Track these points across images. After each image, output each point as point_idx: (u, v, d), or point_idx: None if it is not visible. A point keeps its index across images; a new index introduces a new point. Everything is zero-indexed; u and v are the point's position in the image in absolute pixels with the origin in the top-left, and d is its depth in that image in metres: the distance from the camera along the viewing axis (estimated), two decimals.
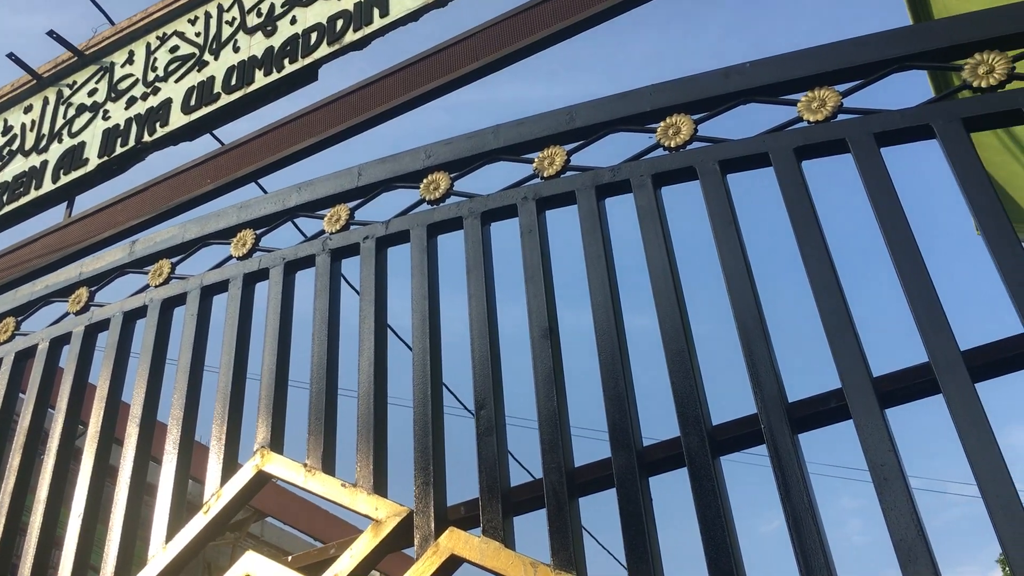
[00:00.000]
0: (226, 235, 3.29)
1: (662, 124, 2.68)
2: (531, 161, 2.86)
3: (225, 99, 4.35)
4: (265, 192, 4.16)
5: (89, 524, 2.88)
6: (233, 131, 4.37)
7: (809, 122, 2.47)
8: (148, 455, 2.96)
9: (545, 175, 2.80)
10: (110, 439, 3.04)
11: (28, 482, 3.10)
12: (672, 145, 2.63)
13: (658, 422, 2.44)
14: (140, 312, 3.27)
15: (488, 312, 2.66)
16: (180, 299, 3.21)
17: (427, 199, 2.96)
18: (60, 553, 2.81)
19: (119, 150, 4.56)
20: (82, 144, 4.77)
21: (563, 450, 2.36)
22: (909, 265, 2.17)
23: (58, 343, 3.38)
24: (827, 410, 2.15)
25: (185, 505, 2.81)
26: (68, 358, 3.29)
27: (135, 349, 3.26)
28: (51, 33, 5.11)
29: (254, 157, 4.07)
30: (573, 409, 2.46)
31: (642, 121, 2.74)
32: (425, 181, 2.99)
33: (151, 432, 3.02)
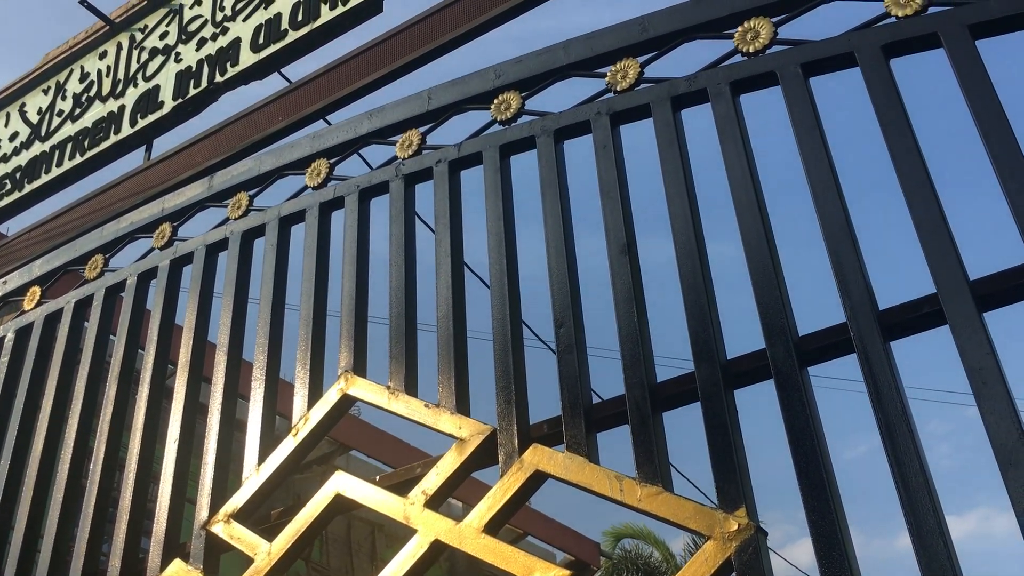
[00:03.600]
0: (300, 165, 3.30)
1: (739, 29, 2.57)
2: (603, 76, 2.79)
3: (292, 35, 4.34)
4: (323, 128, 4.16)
5: (183, 458, 2.97)
6: (301, 69, 4.38)
7: (897, 17, 2.34)
8: (236, 389, 3.03)
9: (618, 89, 2.73)
10: (199, 374, 3.12)
11: (124, 418, 3.20)
12: (751, 50, 2.54)
13: (735, 340, 2.39)
14: (222, 244, 3.33)
15: (564, 230, 2.63)
16: (259, 230, 3.26)
17: (498, 120, 2.92)
18: (157, 487, 2.91)
19: (192, 92, 4.61)
20: (157, 87, 4.83)
21: (645, 365, 2.33)
22: (1010, 163, 2.06)
23: (145, 277, 3.47)
24: (920, 315, 2.08)
25: (274, 429, 2.87)
26: (156, 291, 3.38)
27: (218, 286, 3.33)
28: None
29: (323, 93, 4.07)
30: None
31: (719, 27, 2.64)
32: (496, 101, 2.94)
33: (238, 366, 3.09)
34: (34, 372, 3.53)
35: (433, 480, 2.46)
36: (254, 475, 2.74)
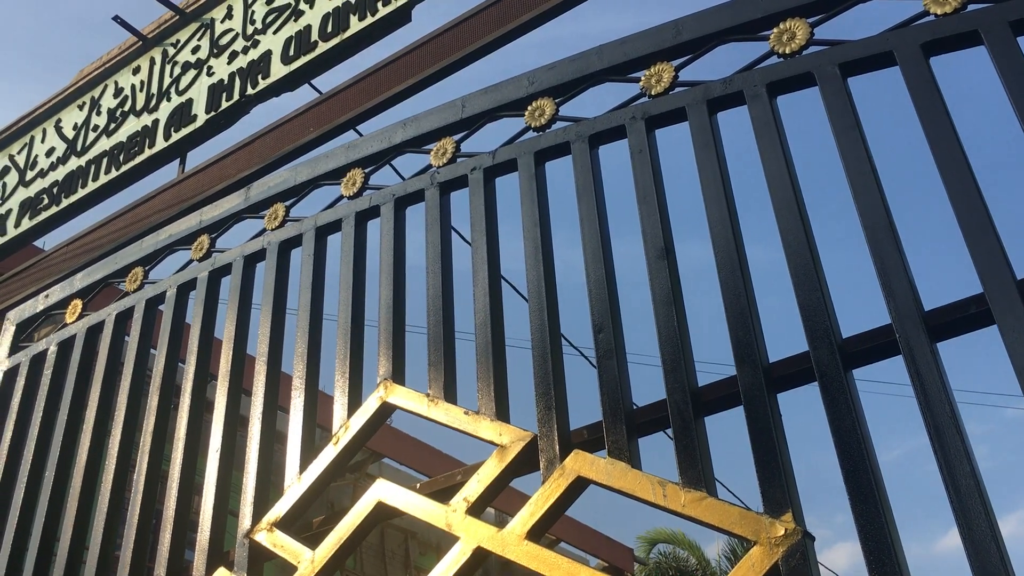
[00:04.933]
0: (336, 175, 3.33)
1: (775, 30, 2.56)
2: (637, 80, 2.79)
3: (323, 47, 4.38)
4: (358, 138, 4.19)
5: (225, 471, 2.99)
6: (331, 80, 4.42)
7: (936, 15, 2.32)
8: (276, 398, 3.05)
9: (653, 93, 2.73)
10: (239, 385, 3.14)
11: (166, 431, 3.23)
12: (787, 51, 2.52)
13: (776, 343, 2.38)
14: (259, 255, 3.36)
15: (601, 235, 2.63)
16: (296, 240, 3.28)
17: (532, 126, 2.93)
18: (200, 498, 2.94)
19: (224, 104, 4.66)
20: (190, 101, 4.89)
21: (686, 369, 2.32)
22: None
23: (185, 289, 3.50)
24: (967, 316, 2.05)
25: (315, 439, 2.89)
26: (195, 303, 3.41)
27: (256, 298, 3.36)
28: None
29: (354, 103, 4.10)
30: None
31: (753, 29, 2.63)
32: (530, 108, 2.95)
33: (277, 376, 3.11)
34: (76, 384, 3.58)
35: (474, 487, 2.46)
36: (296, 484, 2.76)
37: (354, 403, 2.81)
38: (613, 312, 2.51)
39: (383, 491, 2.63)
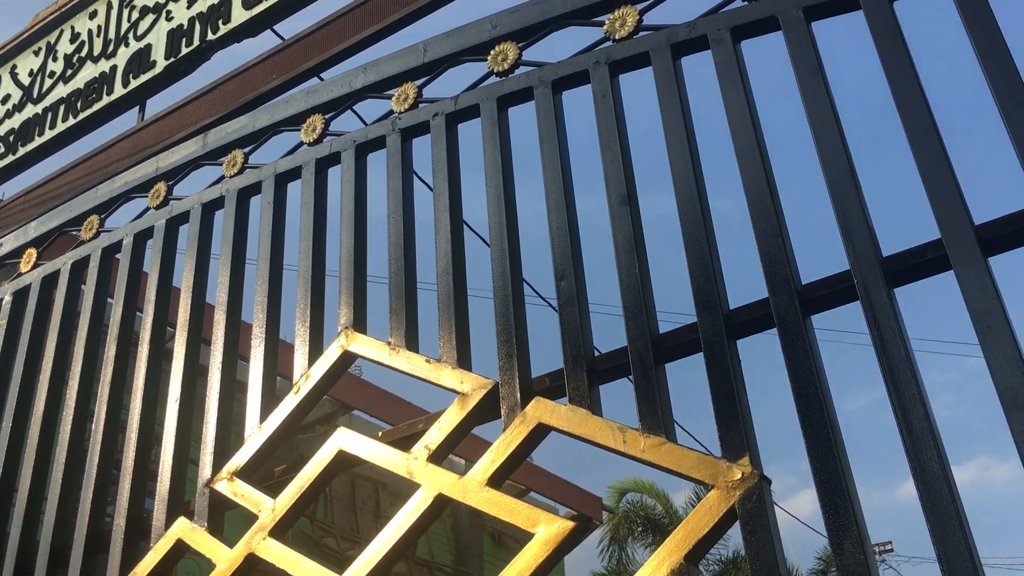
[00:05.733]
0: (296, 121, 3.26)
1: None
2: (602, 24, 2.74)
3: None
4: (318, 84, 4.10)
5: (185, 420, 2.96)
6: (294, 26, 4.32)
7: None
8: (236, 347, 3.02)
9: (617, 37, 2.68)
10: (199, 335, 3.10)
11: (124, 381, 3.19)
12: None
13: (737, 292, 2.38)
14: (218, 203, 3.30)
15: (564, 182, 2.60)
16: (256, 188, 3.22)
17: (495, 71, 2.88)
18: (160, 449, 2.91)
19: (185, 51, 4.54)
20: (148, 47, 4.76)
21: (647, 316, 2.32)
22: (1014, 102, 2.03)
23: (142, 237, 3.44)
24: (924, 262, 2.06)
25: (276, 389, 2.87)
26: (152, 251, 3.35)
27: (215, 246, 3.30)
28: None
29: (317, 49, 4.01)
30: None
31: None
32: (492, 53, 2.90)
33: (237, 325, 3.07)
34: (33, 334, 3.51)
35: (436, 435, 2.46)
36: (256, 433, 2.74)
37: (315, 352, 2.79)
38: (575, 260, 2.49)
39: (344, 440, 2.62)
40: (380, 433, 2.69)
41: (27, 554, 3.02)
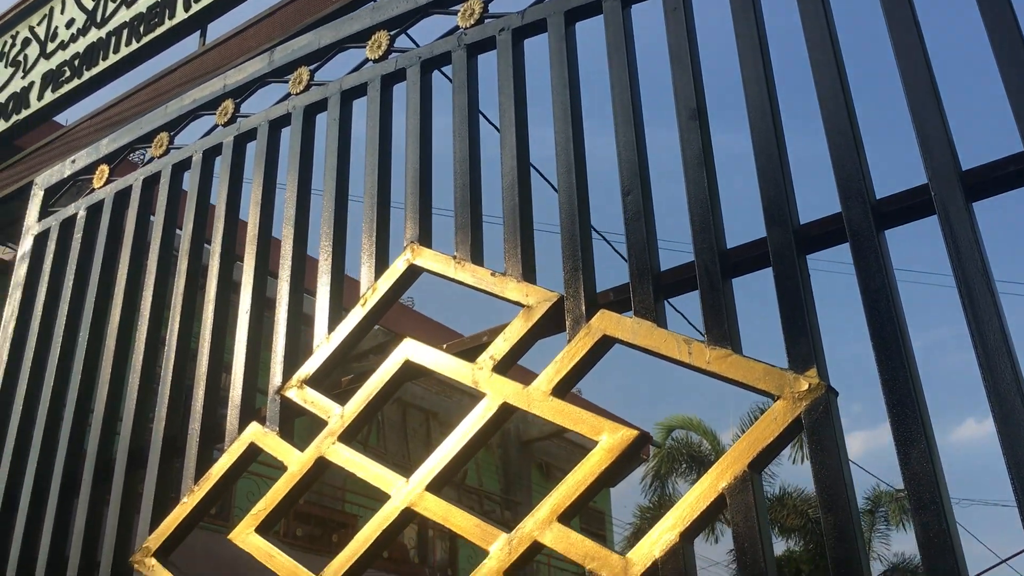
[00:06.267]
0: (361, 38, 3.26)
1: None
2: None
3: None
4: None
5: (255, 331, 3.03)
6: None
7: None
8: (304, 261, 3.07)
9: None
10: (267, 247, 3.16)
11: (195, 293, 3.27)
12: None
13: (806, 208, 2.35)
14: (284, 120, 3.33)
15: (632, 96, 2.58)
16: (322, 105, 3.25)
17: None
18: (230, 376, 2.99)
19: None
20: None
21: (715, 230, 2.31)
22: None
23: (211, 154, 3.49)
24: (1005, 175, 2.01)
25: (342, 302, 2.92)
26: (221, 167, 3.41)
27: (282, 163, 3.34)
28: None
29: None
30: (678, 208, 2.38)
31: None
32: None
33: (304, 242, 3.12)
34: (107, 247, 3.61)
35: (501, 346, 2.49)
36: (324, 343, 2.81)
37: (381, 265, 2.83)
38: (643, 174, 2.49)
39: (410, 350, 2.67)
40: (444, 345, 2.74)
41: (106, 457, 3.15)
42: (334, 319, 2.85)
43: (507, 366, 2.50)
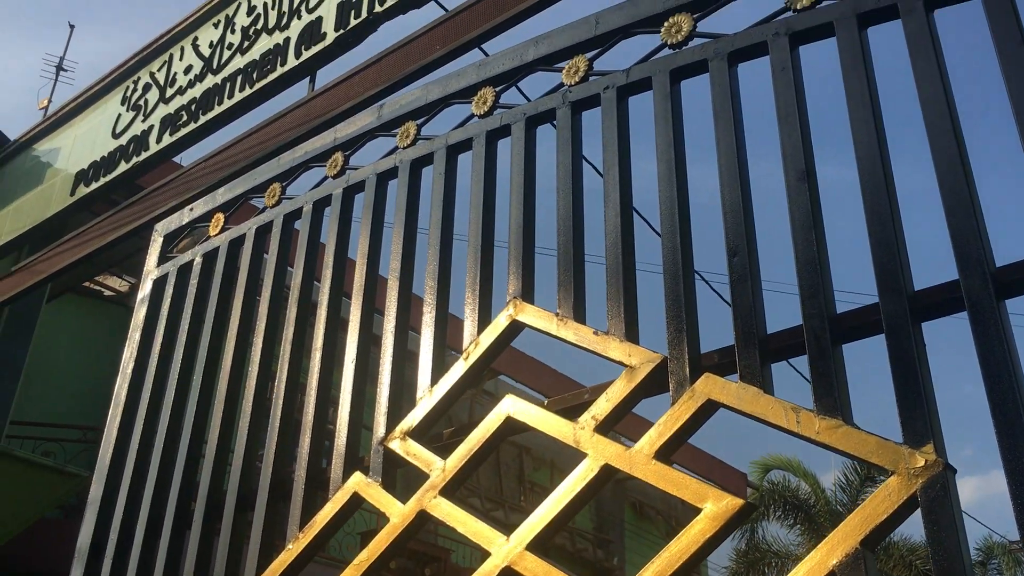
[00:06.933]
0: (467, 94, 3.33)
1: None
2: None
3: None
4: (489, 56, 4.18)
5: (360, 381, 3.10)
6: None
7: None
8: (408, 311, 3.13)
9: (798, 7, 2.61)
10: (373, 296, 3.24)
11: (304, 344, 3.37)
12: None
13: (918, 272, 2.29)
14: (392, 173, 3.42)
15: (739, 157, 2.56)
16: (428, 159, 3.32)
17: (668, 43, 2.85)
18: (335, 410, 3.06)
19: (353, 22, 4.70)
20: (319, 19, 4.95)
21: (824, 295, 2.27)
22: None
23: (320, 205, 3.61)
24: None
25: (445, 355, 2.97)
26: (330, 218, 3.51)
27: (388, 215, 3.43)
28: None
29: (479, 20, 4.07)
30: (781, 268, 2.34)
31: None
32: (666, 24, 2.87)
33: (409, 290, 3.19)
34: (221, 293, 3.76)
35: (603, 406, 2.49)
36: (427, 396, 2.85)
37: (484, 320, 2.87)
38: (749, 236, 2.46)
39: (512, 406, 2.69)
40: (546, 401, 2.75)
41: (216, 498, 3.26)
42: (437, 371, 2.89)
43: (609, 426, 2.49)
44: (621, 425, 3.01)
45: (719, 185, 2.56)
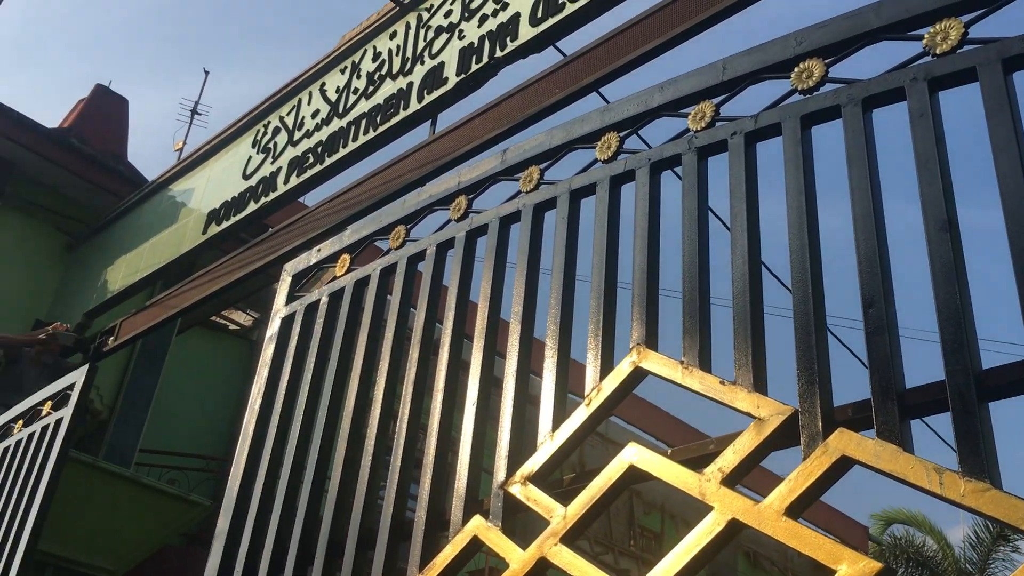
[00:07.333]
0: (590, 139, 3.35)
1: None
2: (920, 38, 2.59)
3: (570, 7, 4.41)
4: (607, 101, 4.21)
5: (481, 424, 3.11)
6: (575, 41, 4.46)
7: None
8: (529, 355, 3.14)
9: (938, 52, 2.53)
10: (495, 338, 3.27)
11: (425, 384, 3.42)
12: None
13: None
14: (514, 217, 3.46)
15: (874, 206, 2.49)
16: (551, 203, 3.35)
17: (799, 88, 2.80)
18: (455, 453, 3.09)
19: (474, 67, 4.81)
20: (441, 64, 5.08)
21: (969, 351, 2.17)
22: None
23: (444, 247, 3.67)
24: None
25: (566, 400, 2.96)
26: (453, 260, 3.57)
27: (510, 258, 3.46)
28: None
29: (598, 64, 4.11)
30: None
31: None
32: (796, 70, 2.82)
33: (531, 334, 3.20)
34: (346, 333, 3.86)
35: (730, 458, 2.43)
36: (548, 441, 2.85)
37: (606, 366, 2.85)
38: (885, 287, 2.38)
39: (635, 455, 2.65)
40: (669, 451, 2.71)
41: (338, 536, 3.32)
42: (558, 416, 2.88)
43: (736, 480, 2.43)
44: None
45: (852, 233, 2.49)
